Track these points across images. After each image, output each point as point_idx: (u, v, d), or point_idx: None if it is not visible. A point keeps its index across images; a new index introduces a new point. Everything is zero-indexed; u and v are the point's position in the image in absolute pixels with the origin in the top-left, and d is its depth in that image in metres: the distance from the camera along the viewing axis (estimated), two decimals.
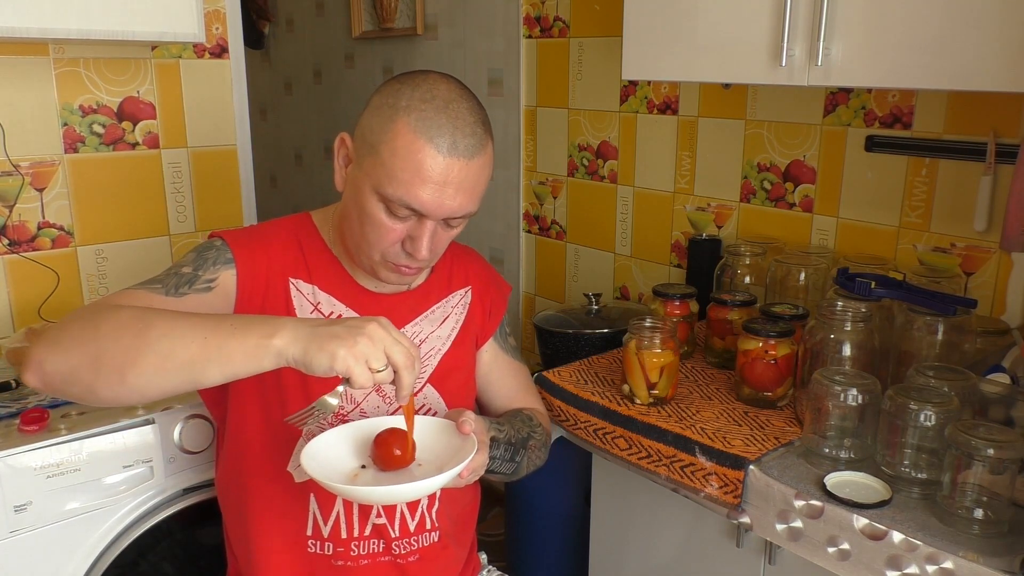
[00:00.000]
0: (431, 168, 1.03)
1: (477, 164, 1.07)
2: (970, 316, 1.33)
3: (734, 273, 1.75)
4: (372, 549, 1.18)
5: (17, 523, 1.29)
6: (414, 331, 1.23)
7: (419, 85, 1.07)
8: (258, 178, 2.14)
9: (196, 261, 1.14)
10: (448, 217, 1.08)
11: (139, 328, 0.90)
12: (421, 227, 1.08)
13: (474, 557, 1.36)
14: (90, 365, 0.90)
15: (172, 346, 0.89)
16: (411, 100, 1.05)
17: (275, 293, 1.16)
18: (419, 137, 1.03)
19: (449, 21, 2.65)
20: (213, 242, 1.17)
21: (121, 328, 0.91)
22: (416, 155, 1.03)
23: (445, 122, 1.04)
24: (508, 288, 1.39)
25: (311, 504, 1.16)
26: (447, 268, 1.30)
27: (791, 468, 1.22)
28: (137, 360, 0.89)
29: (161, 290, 1.08)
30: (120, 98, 1.84)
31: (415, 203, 1.05)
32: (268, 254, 1.17)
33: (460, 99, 1.07)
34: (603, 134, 2.23)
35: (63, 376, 0.92)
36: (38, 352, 0.92)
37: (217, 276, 1.12)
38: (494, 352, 1.35)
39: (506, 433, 1.20)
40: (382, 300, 1.21)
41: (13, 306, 1.75)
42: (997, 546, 1.02)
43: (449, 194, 1.05)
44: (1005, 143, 1.49)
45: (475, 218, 1.16)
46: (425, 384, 1.23)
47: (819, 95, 1.76)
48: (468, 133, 1.05)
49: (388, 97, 1.07)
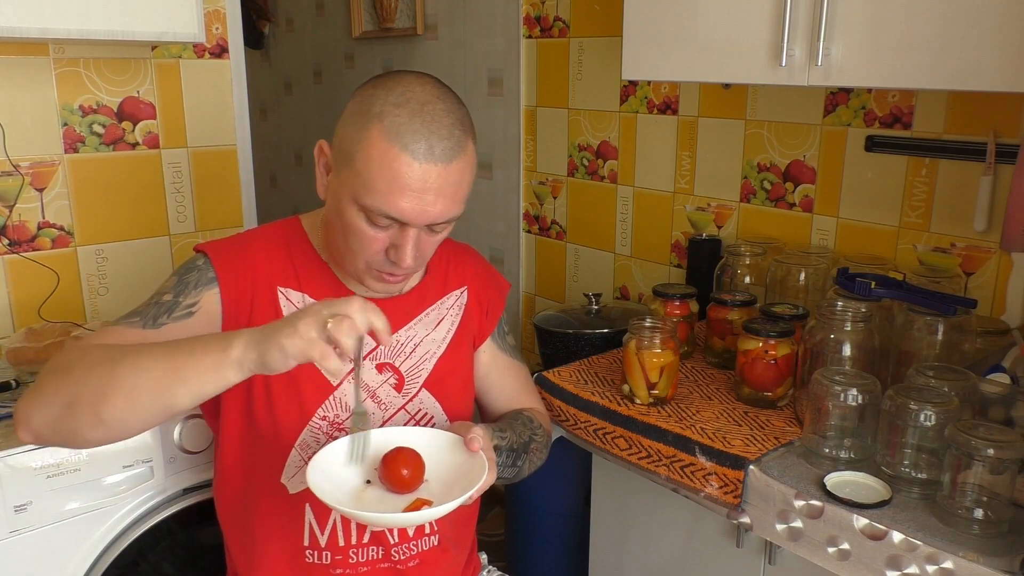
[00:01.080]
0: (408, 176, 1.00)
1: (457, 167, 1.03)
2: (970, 316, 1.33)
3: (734, 273, 1.75)
4: (371, 556, 1.17)
5: (17, 523, 1.29)
6: (408, 335, 1.22)
7: (392, 89, 1.03)
8: (258, 178, 2.15)
9: (177, 287, 1.13)
10: (431, 223, 1.05)
11: (107, 367, 0.93)
12: (404, 235, 1.05)
13: (474, 558, 1.36)
14: (68, 411, 0.93)
15: (137, 378, 0.92)
16: (384, 105, 1.02)
17: (263, 304, 1.14)
18: (393, 144, 1.00)
19: (449, 21, 2.65)
20: (196, 260, 1.15)
21: (90, 369, 0.94)
22: (392, 163, 1.00)
23: (420, 127, 1.01)
24: (507, 286, 1.38)
25: (307, 514, 1.15)
26: (443, 269, 1.28)
27: (791, 468, 1.22)
28: (107, 397, 0.91)
29: (139, 323, 1.09)
30: (120, 98, 1.84)
31: (394, 212, 1.02)
32: (254, 264, 1.15)
33: (436, 100, 1.04)
34: (603, 134, 2.23)
35: (49, 427, 0.95)
36: (23, 409, 0.96)
37: (199, 300, 1.12)
38: (492, 352, 1.33)
39: (508, 440, 1.20)
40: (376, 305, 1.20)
41: (13, 306, 1.75)
42: (997, 546, 1.02)
43: (429, 200, 1.02)
44: (1005, 143, 1.49)
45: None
46: (420, 389, 1.22)
47: (819, 95, 1.76)
48: (444, 136, 1.02)
49: (362, 103, 1.04)
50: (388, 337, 0.94)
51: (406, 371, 1.21)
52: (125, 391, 0.92)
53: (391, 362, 1.20)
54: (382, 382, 1.19)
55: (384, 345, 0.96)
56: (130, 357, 0.94)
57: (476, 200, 2.60)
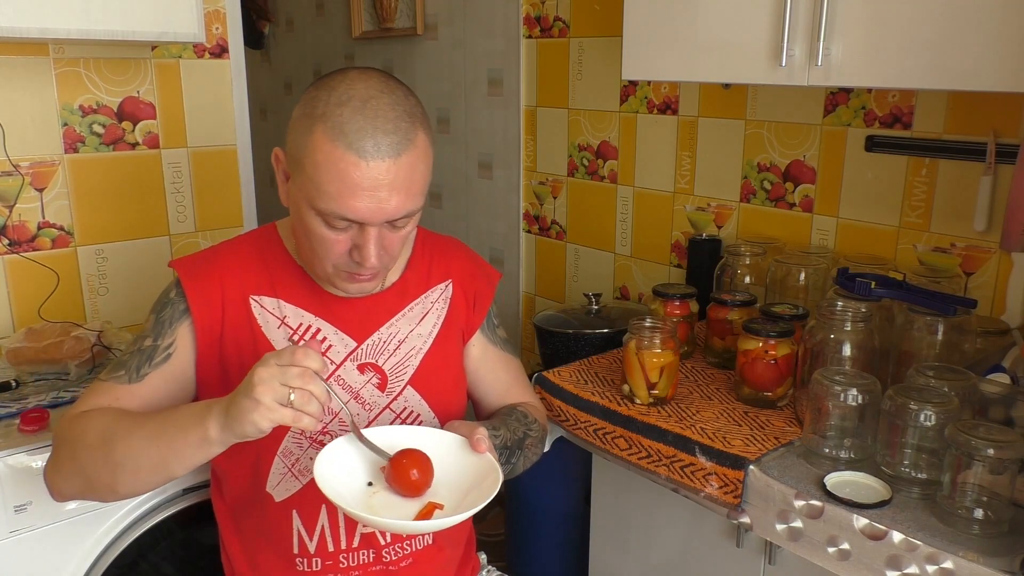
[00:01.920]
0: (357, 176, 0.98)
1: (407, 160, 1.00)
2: (970, 316, 1.33)
3: (734, 273, 1.75)
4: (362, 560, 1.16)
5: (17, 523, 1.29)
6: (391, 331, 1.20)
7: (335, 88, 1.01)
8: (258, 178, 2.14)
9: (155, 328, 1.14)
10: (389, 220, 1.03)
11: (105, 451, 1.02)
12: (364, 235, 1.03)
13: (473, 557, 1.36)
14: (88, 488, 1.06)
15: (136, 462, 1.01)
16: (327, 106, 0.99)
17: (236, 316, 1.14)
18: (338, 145, 0.98)
19: (449, 21, 2.65)
20: (169, 293, 1.16)
21: (92, 452, 1.03)
22: (338, 164, 0.98)
23: (363, 123, 0.98)
24: (497, 276, 1.34)
25: (295, 521, 1.15)
26: (426, 263, 1.26)
27: (791, 468, 1.22)
28: (117, 478, 1.02)
29: (124, 378, 1.12)
30: (120, 98, 1.84)
31: (349, 214, 1.00)
32: (222, 280, 1.15)
33: (379, 94, 1.01)
34: (603, 134, 2.23)
35: (77, 495, 1.10)
36: (50, 481, 1.10)
37: (174, 338, 1.13)
38: (483, 346, 1.31)
39: (502, 437, 1.18)
40: (355, 304, 1.18)
41: (13, 306, 1.75)
42: (997, 546, 1.02)
43: (383, 197, 1.00)
44: (1005, 143, 1.49)
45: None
46: (406, 387, 1.20)
47: (819, 95, 1.76)
48: (390, 131, 0.99)
49: (306, 106, 1.02)
50: (323, 371, 0.96)
51: (390, 369, 1.19)
52: (129, 472, 1.01)
53: (373, 361, 1.19)
54: (364, 382, 1.18)
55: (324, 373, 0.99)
56: (123, 442, 1.01)
57: (476, 200, 2.60)
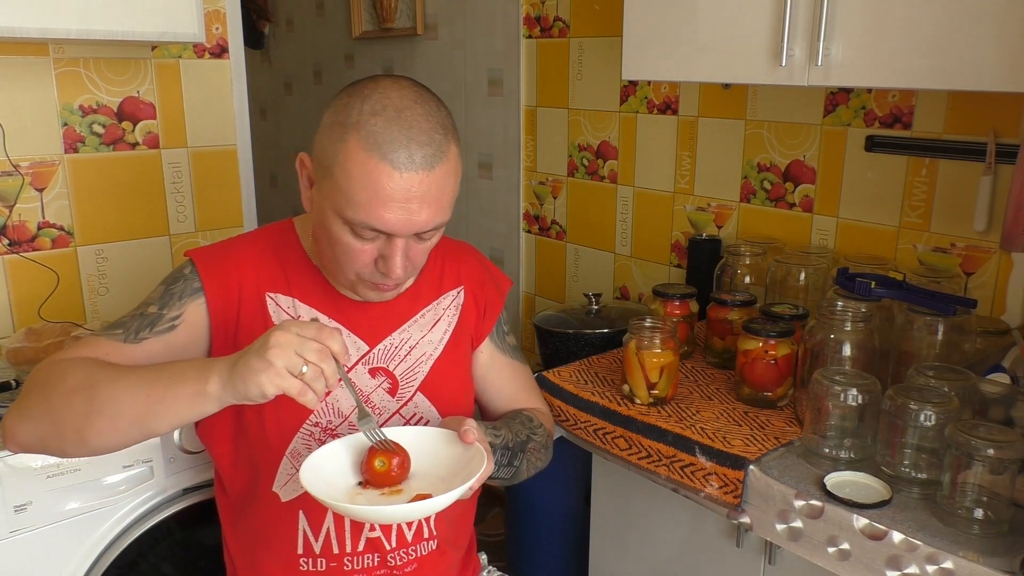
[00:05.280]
0: (390, 187, 0.98)
1: (440, 173, 1.00)
2: (970, 316, 1.33)
3: (734, 273, 1.75)
4: (367, 564, 1.16)
5: (17, 523, 1.29)
6: (402, 337, 1.20)
7: (368, 96, 1.00)
8: (258, 178, 2.15)
9: (163, 298, 1.12)
10: (418, 232, 1.03)
11: (87, 394, 0.96)
12: (391, 246, 1.03)
13: (474, 557, 1.36)
14: (53, 432, 0.98)
15: (118, 408, 0.95)
16: (360, 115, 0.99)
17: (252, 311, 1.13)
18: (372, 155, 0.97)
19: (449, 21, 2.65)
20: (183, 269, 1.15)
21: (72, 393, 0.97)
22: (371, 174, 0.97)
23: (398, 134, 0.98)
24: (508, 284, 1.35)
25: (300, 521, 1.15)
26: (438, 268, 1.25)
27: (791, 468, 1.22)
28: (91, 424, 0.96)
29: (121, 336, 1.09)
30: (120, 98, 1.84)
31: (379, 224, 1.00)
32: (241, 271, 1.14)
33: (414, 104, 1.01)
34: (603, 134, 2.23)
35: (35, 444, 1.01)
36: (8, 424, 1.01)
37: (183, 312, 1.11)
38: (491, 353, 1.31)
39: (503, 438, 1.18)
40: (368, 308, 1.18)
41: (13, 306, 1.75)
42: (997, 546, 1.02)
43: (414, 210, 0.99)
44: (1005, 143, 1.49)
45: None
46: (416, 392, 1.20)
47: (819, 95, 1.76)
48: (425, 142, 0.99)
49: (338, 114, 1.02)
50: (345, 358, 0.94)
51: (401, 375, 1.19)
52: (107, 419, 0.95)
53: (384, 366, 1.19)
54: (375, 387, 1.18)
55: (344, 365, 0.97)
56: (107, 387, 0.96)
57: (476, 200, 2.60)
